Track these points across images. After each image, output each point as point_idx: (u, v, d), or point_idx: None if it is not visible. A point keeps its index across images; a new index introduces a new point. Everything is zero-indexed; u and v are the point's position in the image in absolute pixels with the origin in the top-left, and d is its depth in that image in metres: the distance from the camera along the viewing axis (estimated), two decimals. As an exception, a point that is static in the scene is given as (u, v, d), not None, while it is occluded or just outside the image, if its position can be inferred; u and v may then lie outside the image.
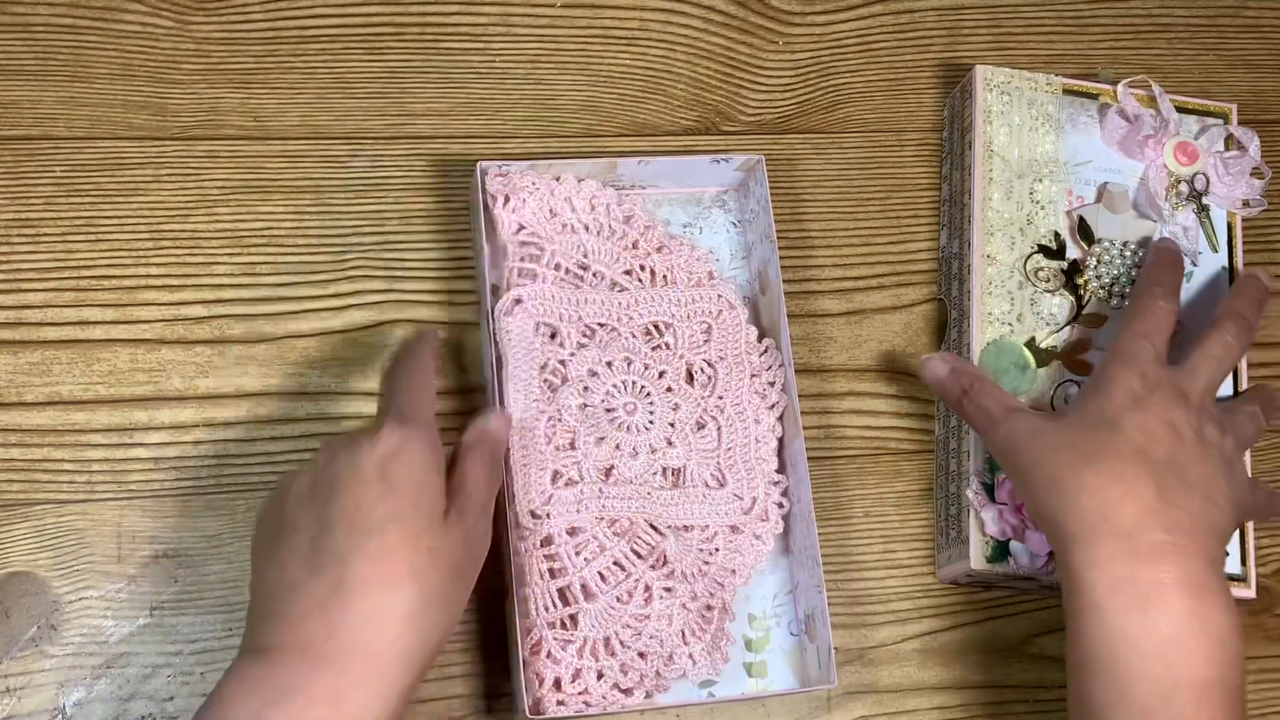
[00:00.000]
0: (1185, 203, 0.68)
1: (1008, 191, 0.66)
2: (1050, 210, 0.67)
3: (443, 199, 0.67)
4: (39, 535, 0.60)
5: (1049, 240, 0.66)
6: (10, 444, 0.61)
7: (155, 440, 0.62)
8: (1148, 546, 0.53)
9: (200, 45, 0.67)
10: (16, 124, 0.64)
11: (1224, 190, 0.69)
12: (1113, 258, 0.66)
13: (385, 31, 0.69)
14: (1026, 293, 0.65)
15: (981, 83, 0.68)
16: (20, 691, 0.58)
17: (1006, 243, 0.66)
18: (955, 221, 0.68)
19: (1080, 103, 0.69)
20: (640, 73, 0.71)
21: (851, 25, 0.74)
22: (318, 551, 0.49)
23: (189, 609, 0.60)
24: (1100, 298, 0.66)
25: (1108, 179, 0.68)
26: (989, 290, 0.65)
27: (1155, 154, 0.68)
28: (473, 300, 0.66)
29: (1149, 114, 0.68)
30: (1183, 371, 0.59)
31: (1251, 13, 0.79)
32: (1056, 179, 0.67)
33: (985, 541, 0.62)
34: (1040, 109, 0.68)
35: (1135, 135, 0.68)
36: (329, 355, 0.64)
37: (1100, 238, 0.66)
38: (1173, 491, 0.55)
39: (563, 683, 0.58)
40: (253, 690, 0.47)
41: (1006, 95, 0.68)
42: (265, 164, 0.66)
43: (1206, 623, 0.53)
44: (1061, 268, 0.66)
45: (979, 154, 0.67)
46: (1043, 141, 0.68)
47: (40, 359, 0.62)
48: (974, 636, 0.66)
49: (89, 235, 0.63)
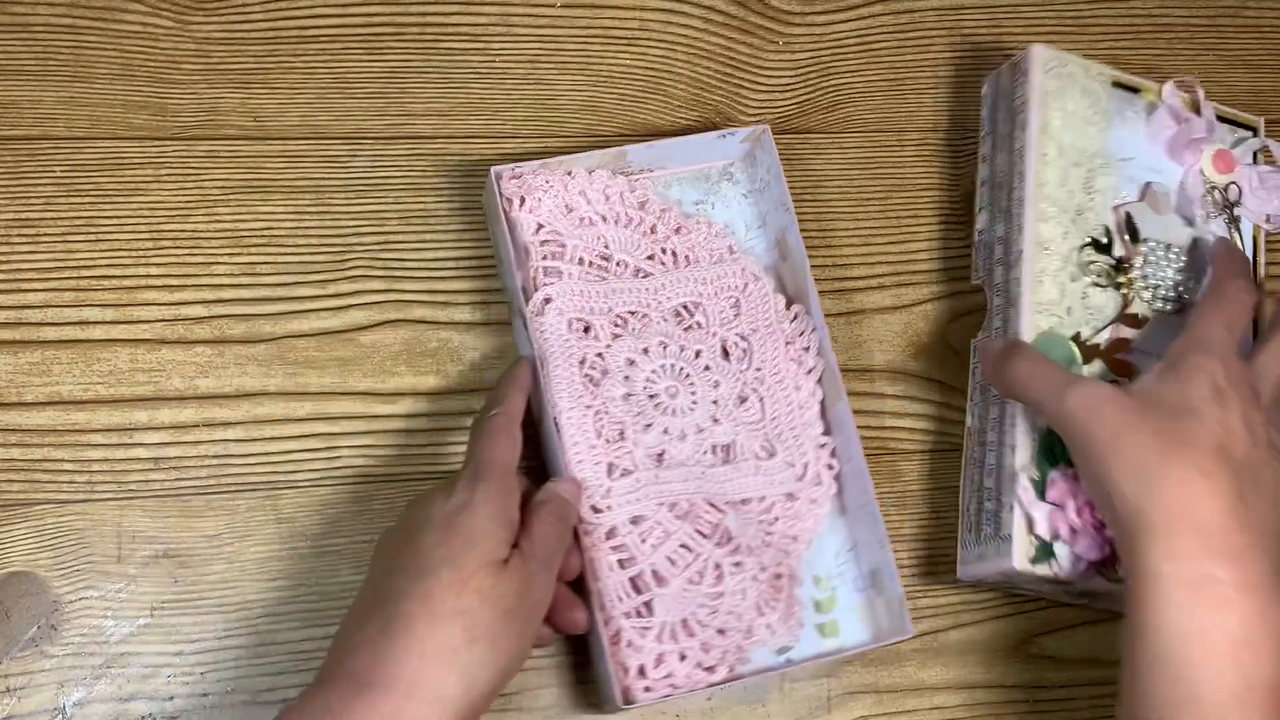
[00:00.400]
0: (1218, 212, 0.67)
1: (1063, 179, 0.64)
2: (1101, 203, 0.65)
3: (443, 199, 0.67)
4: (39, 535, 0.60)
5: (1100, 234, 0.64)
6: (10, 444, 0.61)
7: (155, 440, 0.62)
8: (1226, 545, 0.53)
9: (200, 45, 0.67)
10: (16, 124, 0.64)
11: (1255, 204, 0.68)
12: (1159, 259, 0.65)
13: (385, 31, 0.69)
14: (1079, 285, 0.63)
15: (1039, 64, 0.65)
16: (20, 691, 0.58)
17: (1060, 231, 0.64)
18: (999, 204, 0.66)
19: (1126, 97, 0.67)
20: (640, 73, 0.71)
21: (851, 25, 0.74)
22: (378, 592, 0.53)
23: (189, 609, 0.60)
24: (1145, 299, 0.64)
25: (1150, 178, 0.67)
26: (1040, 279, 0.63)
27: (1195, 159, 0.67)
28: (471, 300, 0.66)
29: (1194, 118, 0.67)
30: (1255, 370, 0.58)
31: (1251, 13, 0.79)
32: (1109, 172, 0.65)
33: (1031, 541, 0.60)
34: (1093, 98, 0.66)
35: (1183, 138, 0.67)
36: (329, 355, 0.64)
37: (1145, 238, 0.65)
38: (1249, 493, 0.54)
39: (647, 669, 0.59)
40: (303, 707, 0.50)
41: (1061, 79, 0.65)
42: (265, 164, 0.66)
43: (1276, 626, 0.52)
44: (1111, 263, 0.64)
45: (1035, 133, 0.64)
46: (1093, 132, 0.66)
47: (40, 359, 0.62)
48: (974, 636, 0.66)
49: (89, 235, 0.63)
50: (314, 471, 0.63)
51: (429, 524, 0.54)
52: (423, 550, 0.53)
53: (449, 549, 0.52)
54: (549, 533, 0.56)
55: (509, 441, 0.58)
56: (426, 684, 0.50)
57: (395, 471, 0.63)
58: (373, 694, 0.49)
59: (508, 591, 0.52)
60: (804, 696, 0.64)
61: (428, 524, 0.54)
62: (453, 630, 0.51)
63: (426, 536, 0.53)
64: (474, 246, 0.67)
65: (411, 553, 0.53)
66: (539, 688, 0.62)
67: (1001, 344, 0.61)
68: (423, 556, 0.52)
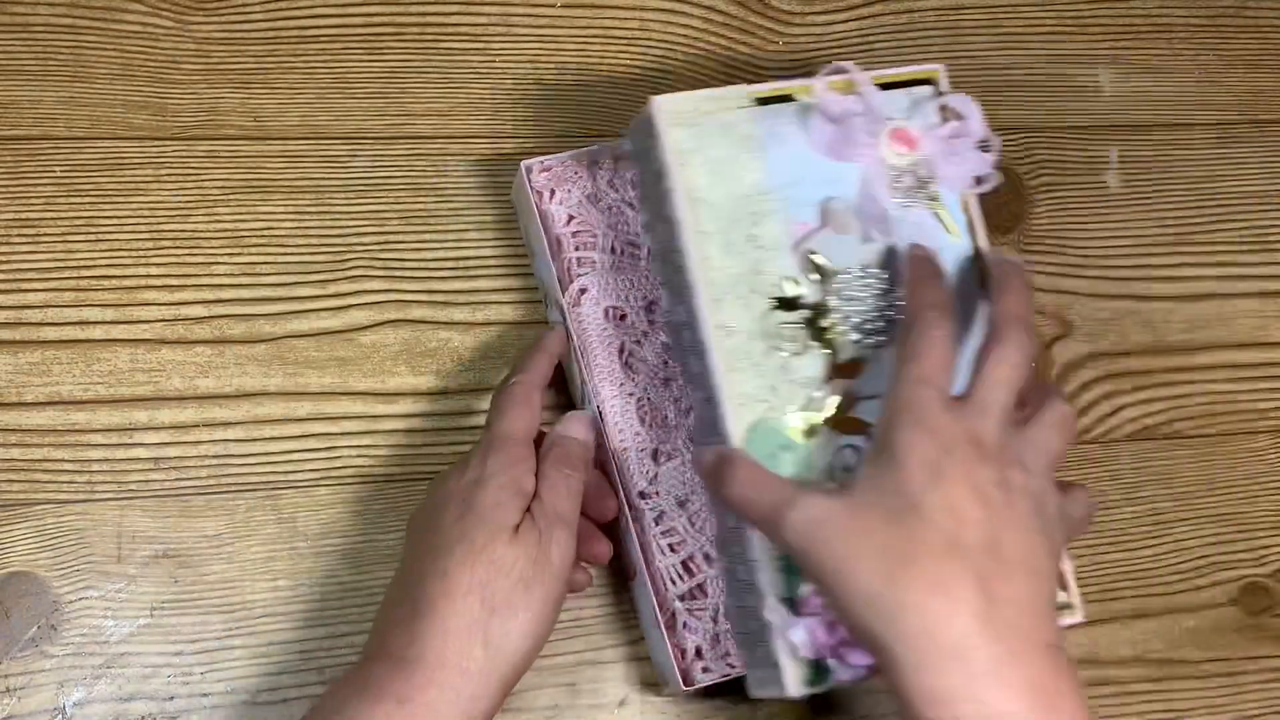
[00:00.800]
0: (915, 197, 0.57)
1: (726, 245, 0.54)
2: (777, 253, 0.55)
3: (443, 199, 0.67)
4: (39, 535, 0.60)
5: (783, 288, 0.54)
6: (10, 444, 0.61)
7: (155, 440, 0.62)
8: (983, 665, 0.46)
9: (200, 45, 0.67)
10: (16, 124, 0.64)
11: (953, 170, 0.57)
12: (854, 290, 0.55)
13: (385, 31, 0.69)
14: (774, 360, 0.54)
15: (664, 119, 0.54)
16: (20, 691, 0.58)
17: (739, 306, 0.54)
18: (673, 284, 0.56)
19: (776, 111, 0.56)
20: (640, 73, 0.71)
21: (851, 25, 0.74)
22: (407, 573, 0.55)
23: (189, 609, 0.60)
24: (854, 340, 0.55)
25: (827, 194, 0.56)
26: (733, 368, 0.53)
27: (870, 150, 0.56)
28: (471, 300, 0.66)
29: (857, 107, 0.56)
30: (972, 409, 0.50)
31: (1251, 13, 0.79)
32: (775, 212, 0.55)
33: (799, 664, 0.52)
34: (735, 131, 0.55)
35: (846, 139, 0.56)
36: (329, 355, 0.64)
37: (836, 269, 0.55)
38: (995, 582, 0.47)
39: (704, 650, 0.59)
40: (345, 682, 0.53)
41: (697, 127, 0.55)
42: (265, 164, 0.66)
43: None
44: (805, 318, 0.55)
45: (683, 207, 0.54)
46: (748, 169, 0.55)
47: (40, 359, 0.62)
48: (974, 636, 0.66)
49: (89, 235, 0.63)
50: (314, 471, 0.63)
51: (446, 502, 0.55)
52: (440, 529, 0.55)
53: (463, 525, 0.54)
54: (557, 486, 0.56)
55: (525, 410, 0.58)
56: (453, 658, 0.52)
57: (395, 471, 0.63)
58: (407, 668, 0.52)
59: (520, 558, 0.54)
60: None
61: (445, 502, 0.55)
62: (471, 604, 0.52)
63: (444, 515, 0.55)
64: (474, 246, 0.67)
65: (431, 532, 0.55)
66: (539, 688, 0.62)
67: (711, 455, 0.53)
68: (440, 535, 0.54)
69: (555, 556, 0.55)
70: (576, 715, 0.62)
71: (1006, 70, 0.75)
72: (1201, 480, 0.70)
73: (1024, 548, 0.48)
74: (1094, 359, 0.71)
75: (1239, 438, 0.71)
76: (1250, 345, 0.73)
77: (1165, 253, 0.74)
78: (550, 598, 0.54)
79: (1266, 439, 0.71)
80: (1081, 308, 0.72)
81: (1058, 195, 0.73)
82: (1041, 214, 0.73)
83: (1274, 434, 0.72)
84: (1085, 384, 0.70)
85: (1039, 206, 0.73)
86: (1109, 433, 0.70)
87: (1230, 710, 0.67)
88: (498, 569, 0.53)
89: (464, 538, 0.54)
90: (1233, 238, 0.74)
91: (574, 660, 0.62)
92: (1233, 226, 0.75)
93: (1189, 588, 0.68)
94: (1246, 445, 0.71)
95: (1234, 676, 0.67)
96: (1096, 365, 0.71)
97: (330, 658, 0.60)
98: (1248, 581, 0.69)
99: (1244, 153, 0.76)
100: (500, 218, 0.67)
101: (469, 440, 0.64)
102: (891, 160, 0.57)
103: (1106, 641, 0.67)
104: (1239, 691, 0.67)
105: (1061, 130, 0.74)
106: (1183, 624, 0.68)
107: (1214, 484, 0.70)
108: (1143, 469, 0.70)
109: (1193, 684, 0.67)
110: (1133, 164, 0.75)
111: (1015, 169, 0.73)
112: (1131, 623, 0.67)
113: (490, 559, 0.53)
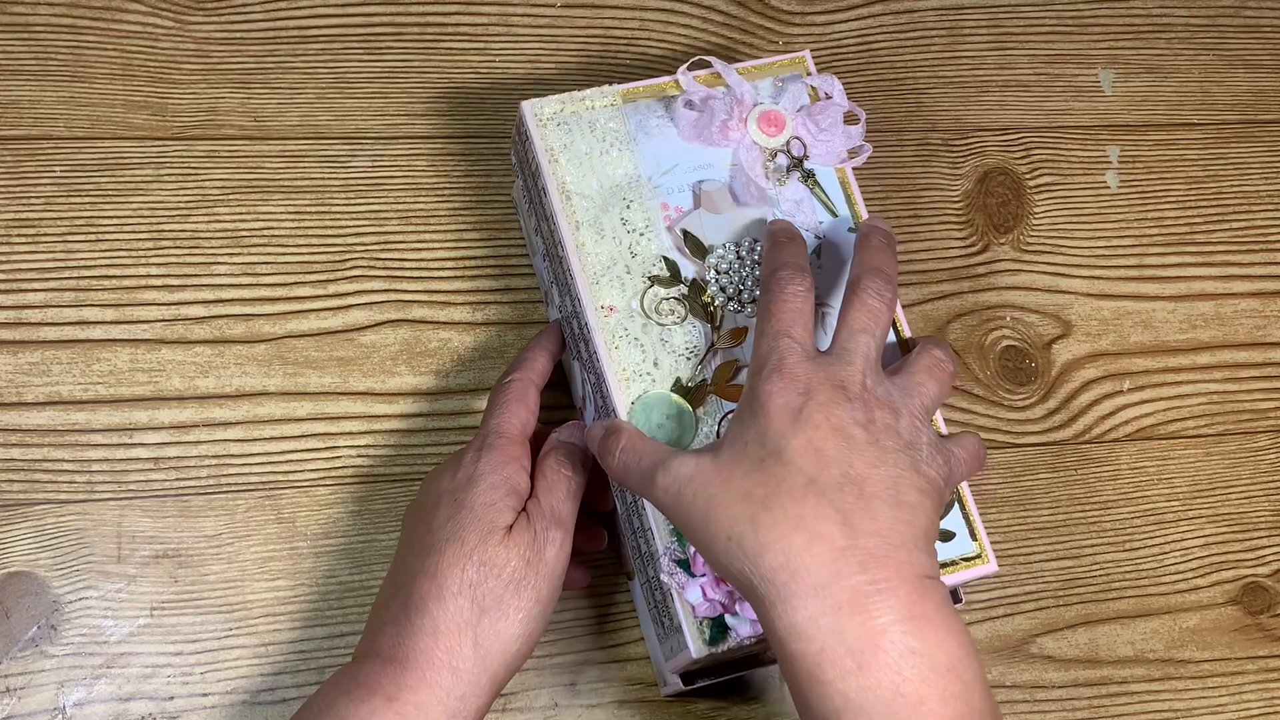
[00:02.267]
0: (788, 175, 0.60)
1: (599, 231, 0.58)
2: (650, 234, 0.58)
3: (443, 199, 0.67)
4: (39, 535, 0.60)
5: (659, 267, 0.58)
6: (10, 444, 0.61)
7: (155, 440, 0.62)
8: (846, 595, 0.46)
9: (200, 45, 0.67)
10: (16, 124, 0.64)
11: (823, 148, 0.61)
12: (730, 263, 0.58)
13: (385, 31, 0.69)
14: (654, 333, 0.57)
15: (533, 120, 0.59)
16: (20, 691, 0.58)
17: (616, 287, 0.58)
18: (560, 278, 0.60)
19: (647, 105, 0.60)
20: (640, 73, 0.71)
21: (851, 25, 0.74)
22: (399, 570, 0.55)
23: (189, 609, 0.60)
24: (733, 310, 0.58)
25: (699, 178, 0.60)
26: (615, 344, 0.57)
27: (741, 133, 0.60)
28: (471, 300, 0.66)
29: (719, 94, 0.60)
30: (834, 358, 0.51)
31: (1251, 13, 0.79)
32: (645, 198, 0.59)
33: (699, 624, 0.54)
34: (604, 128, 0.60)
35: (710, 123, 0.60)
36: (329, 355, 0.64)
37: (712, 245, 0.58)
38: (857, 516, 0.47)
39: None
40: (335, 681, 0.53)
41: (564, 125, 0.59)
42: (265, 164, 0.66)
43: (933, 660, 0.46)
44: (683, 293, 0.58)
45: (556, 200, 0.58)
46: (619, 163, 0.59)
47: (40, 359, 0.62)
48: (974, 636, 0.66)
49: (89, 235, 0.63)
50: (314, 471, 0.63)
51: (439, 500, 0.55)
52: (432, 527, 0.54)
53: (455, 524, 0.54)
54: (555, 487, 0.56)
55: (520, 408, 0.58)
56: (443, 657, 0.51)
57: (395, 471, 0.63)
58: (396, 668, 0.51)
59: (512, 558, 0.53)
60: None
61: (437, 500, 0.55)
62: (462, 604, 0.52)
63: (436, 513, 0.55)
64: (474, 246, 0.67)
65: (423, 530, 0.55)
66: (539, 688, 0.62)
67: (599, 428, 0.55)
68: (432, 534, 0.54)
69: (550, 558, 0.54)
70: (576, 715, 0.62)
71: (1006, 70, 0.75)
72: (1201, 480, 0.70)
73: (889, 482, 0.49)
74: (1094, 359, 0.71)
75: (1239, 438, 0.71)
76: (1249, 345, 0.73)
77: (1165, 253, 0.74)
78: (543, 598, 0.54)
79: (1266, 439, 0.72)
80: (1081, 308, 0.72)
81: (1058, 195, 0.73)
82: (1041, 214, 0.73)
83: (1274, 434, 0.72)
84: (1085, 384, 0.71)
85: (1039, 206, 0.73)
86: (1109, 433, 0.70)
87: (1230, 710, 0.67)
88: (489, 570, 0.53)
89: (455, 537, 0.53)
90: (1232, 238, 0.75)
91: (574, 660, 0.62)
92: (1232, 226, 0.75)
93: (1189, 588, 0.68)
94: (1246, 445, 0.71)
95: (1234, 676, 0.67)
96: (1096, 365, 0.71)
97: (330, 658, 0.60)
98: (1248, 581, 0.69)
99: (1244, 153, 0.76)
100: (500, 218, 0.67)
101: (468, 440, 0.64)
102: (762, 142, 0.60)
103: (1106, 641, 0.67)
104: (1239, 691, 0.67)
105: (1061, 130, 0.74)
106: (1183, 624, 0.68)
107: (1214, 484, 0.70)
108: (1143, 469, 0.70)
109: (1193, 684, 0.67)
110: (1133, 164, 0.75)
111: (1015, 169, 0.73)
112: (1131, 623, 0.67)
113: (481, 560, 0.53)
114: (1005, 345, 0.70)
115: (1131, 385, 0.71)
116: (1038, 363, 0.70)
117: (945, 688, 0.46)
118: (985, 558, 0.57)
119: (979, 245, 0.72)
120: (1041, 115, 0.75)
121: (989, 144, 0.74)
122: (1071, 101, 0.75)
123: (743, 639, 0.54)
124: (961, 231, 0.72)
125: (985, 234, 0.72)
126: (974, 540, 0.57)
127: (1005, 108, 0.74)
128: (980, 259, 0.72)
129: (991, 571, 0.57)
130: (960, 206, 0.72)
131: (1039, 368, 0.70)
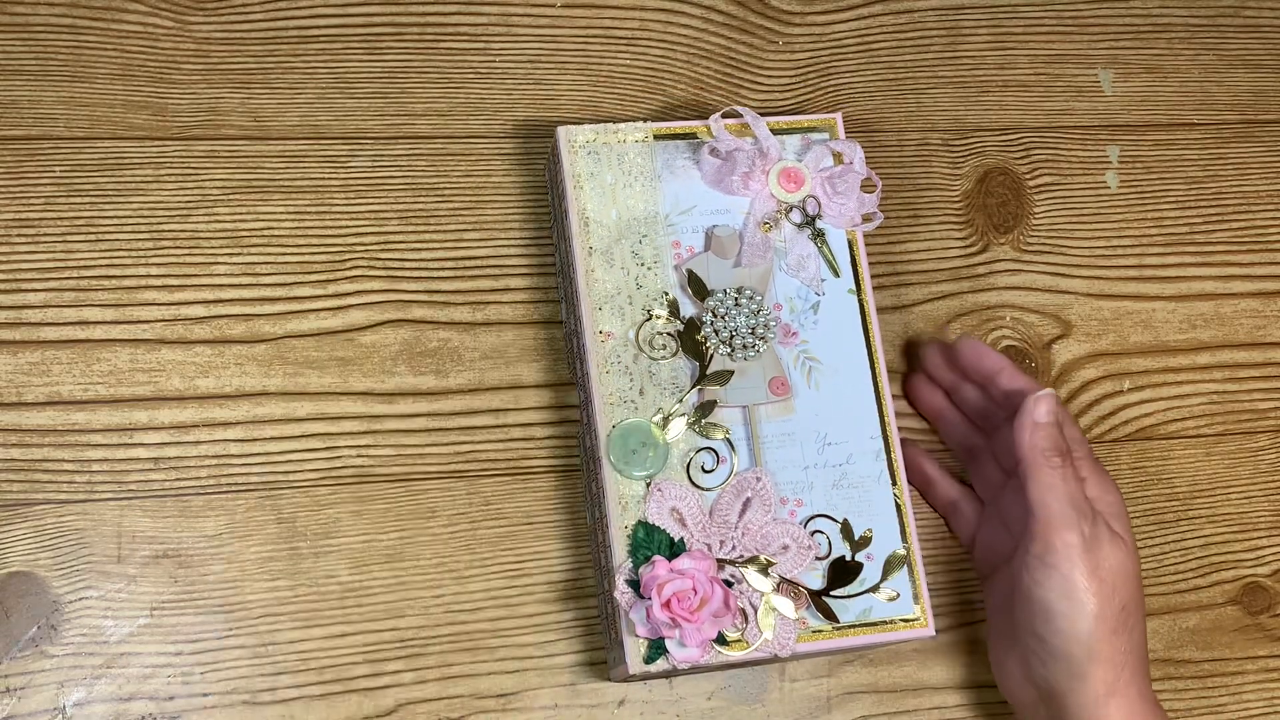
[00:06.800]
0: (800, 231, 0.63)
1: (609, 259, 0.61)
2: (658, 269, 0.62)
3: (442, 199, 0.67)
4: (39, 535, 0.60)
5: (660, 303, 0.61)
6: (10, 444, 0.61)
7: (155, 440, 0.62)
8: (1127, 682, 0.57)
9: (200, 45, 0.67)
10: (16, 124, 0.64)
11: (836, 210, 0.64)
12: (728, 309, 0.61)
13: (385, 31, 0.69)
14: (643, 364, 0.60)
15: (566, 146, 0.62)
16: (20, 691, 0.58)
17: (617, 315, 0.61)
18: (569, 296, 0.63)
19: (675, 146, 0.64)
20: (640, 73, 0.71)
21: (851, 25, 0.74)
22: None
23: (189, 609, 0.60)
24: (724, 354, 0.61)
25: (714, 222, 0.63)
26: (606, 369, 0.60)
27: (760, 185, 0.63)
28: (471, 300, 0.66)
29: (746, 145, 0.63)
30: None
31: (1251, 13, 0.79)
32: (658, 235, 0.62)
33: (639, 643, 0.57)
34: (631, 163, 0.63)
35: (731, 173, 0.63)
36: (329, 355, 0.64)
37: (713, 289, 0.61)
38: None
39: None
40: None
41: (595, 154, 0.63)
42: (265, 164, 0.66)
43: None
44: (678, 330, 0.61)
45: (575, 224, 0.62)
46: (640, 197, 0.62)
47: (40, 359, 0.62)
48: (974, 636, 0.66)
49: (89, 235, 0.63)
50: (314, 471, 0.63)
51: None
52: None
53: None
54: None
55: None
56: None
57: (395, 471, 0.63)
58: None
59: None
60: (804, 696, 0.64)
61: None
62: None
63: None
64: (474, 246, 0.67)
65: None
66: (539, 688, 0.62)
67: (1052, 419, 0.60)
68: None
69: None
70: (576, 715, 0.62)
71: (1006, 70, 0.75)
72: (1201, 480, 0.70)
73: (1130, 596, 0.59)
74: (1094, 359, 0.71)
75: (1239, 438, 0.71)
76: (1249, 345, 0.73)
77: (1165, 253, 0.74)
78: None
79: (1266, 439, 0.72)
80: (1081, 308, 0.72)
81: (1058, 195, 0.73)
82: (1041, 214, 0.73)
83: (1274, 434, 0.72)
84: (1085, 384, 0.71)
85: (1039, 206, 0.73)
86: (1109, 433, 0.70)
87: (1230, 710, 0.67)
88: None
89: None
90: (1232, 238, 0.75)
91: (574, 660, 0.62)
92: (1232, 226, 0.75)
93: (1189, 588, 0.68)
94: (1246, 445, 0.71)
95: (1234, 676, 0.67)
96: (1096, 365, 0.71)
97: (330, 658, 0.60)
98: (1248, 581, 0.69)
99: (1244, 153, 0.76)
100: (500, 218, 0.67)
101: (469, 440, 0.64)
102: (781, 196, 0.63)
103: (1106, 641, 0.67)
104: (1239, 691, 0.67)
105: (1061, 130, 0.74)
106: (1183, 624, 0.68)
107: (1214, 484, 0.70)
108: (1143, 469, 0.70)
109: (1192, 684, 0.67)
110: (1133, 164, 0.75)
111: (1015, 169, 0.73)
112: (1131, 623, 0.67)
113: None
114: (1005, 345, 0.70)
115: (1131, 385, 0.71)
116: (1038, 363, 0.70)
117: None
118: (924, 621, 0.60)
119: (979, 245, 0.72)
120: (1041, 115, 0.75)
121: (989, 144, 0.74)
122: (1071, 101, 0.75)
123: (677, 663, 0.57)
124: (961, 231, 0.72)
125: (985, 234, 0.72)
126: (916, 603, 0.60)
127: (1005, 108, 0.74)
128: (980, 259, 0.72)
129: (928, 635, 0.60)
130: (960, 206, 0.72)
131: (1039, 368, 0.70)
